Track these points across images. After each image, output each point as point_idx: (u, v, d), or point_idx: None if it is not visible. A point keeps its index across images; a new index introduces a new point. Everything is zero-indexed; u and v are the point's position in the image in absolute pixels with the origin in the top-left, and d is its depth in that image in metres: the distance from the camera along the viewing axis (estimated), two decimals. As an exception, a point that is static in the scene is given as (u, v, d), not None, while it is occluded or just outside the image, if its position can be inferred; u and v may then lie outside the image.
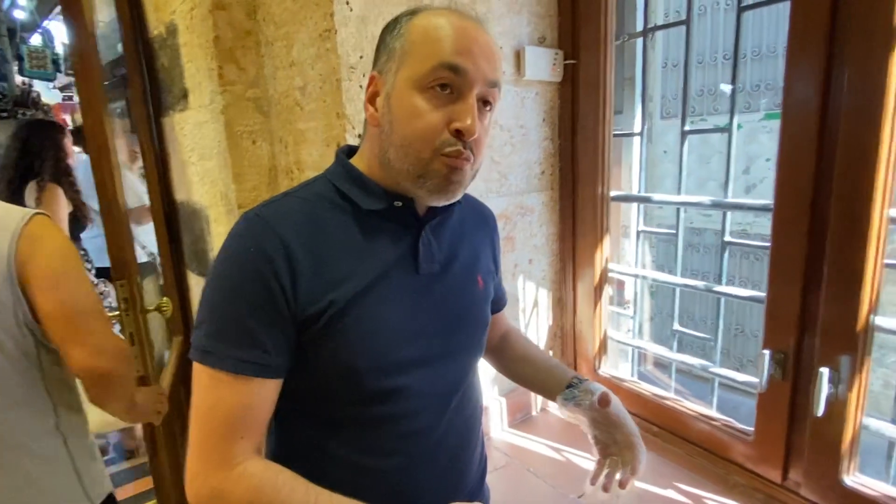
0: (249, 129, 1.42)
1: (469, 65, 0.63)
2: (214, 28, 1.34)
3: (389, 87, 0.66)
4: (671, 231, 1.42)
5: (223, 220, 1.58)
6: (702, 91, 3.20)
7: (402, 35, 0.66)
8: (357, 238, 0.69)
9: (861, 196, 0.91)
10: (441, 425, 0.76)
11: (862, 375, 0.97)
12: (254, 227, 0.65)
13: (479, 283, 0.81)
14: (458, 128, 0.63)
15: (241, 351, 0.63)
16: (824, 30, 0.92)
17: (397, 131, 0.65)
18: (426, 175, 0.65)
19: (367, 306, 0.67)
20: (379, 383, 0.69)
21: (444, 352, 0.75)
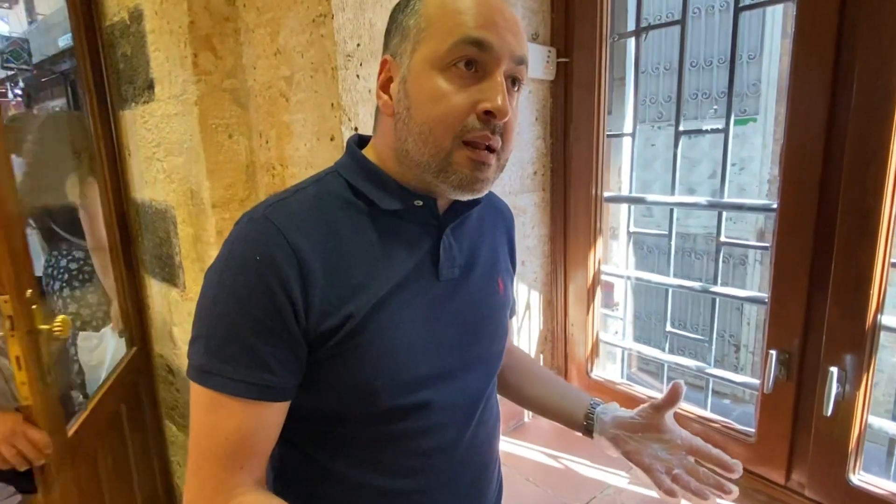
0: (225, 122, 1.32)
1: (495, 38, 0.56)
2: (189, 13, 1.24)
3: (405, 70, 0.59)
4: (663, 232, 1.41)
5: (193, 220, 1.46)
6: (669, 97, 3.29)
7: (416, 11, 0.59)
8: (373, 241, 0.62)
9: (870, 195, 0.91)
10: (464, 441, 0.70)
11: (868, 374, 0.97)
12: (260, 231, 0.57)
13: (499, 286, 0.75)
14: (487, 108, 0.56)
15: (244, 371, 0.55)
16: (832, 29, 0.92)
17: (416, 117, 0.58)
18: (449, 168, 0.58)
19: (385, 319, 0.60)
20: (398, 400, 0.62)
21: (466, 362, 0.69)
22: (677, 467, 0.73)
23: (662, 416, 0.74)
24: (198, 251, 1.48)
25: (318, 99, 1.05)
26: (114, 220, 1.76)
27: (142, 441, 1.84)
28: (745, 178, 3.17)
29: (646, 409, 0.76)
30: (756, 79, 3.16)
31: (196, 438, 0.58)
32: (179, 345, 1.70)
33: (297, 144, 1.15)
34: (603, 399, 0.82)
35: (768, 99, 3.15)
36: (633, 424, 0.76)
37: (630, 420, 0.76)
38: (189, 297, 1.56)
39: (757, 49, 3.14)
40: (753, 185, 3.25)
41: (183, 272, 1.58)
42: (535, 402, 0.88)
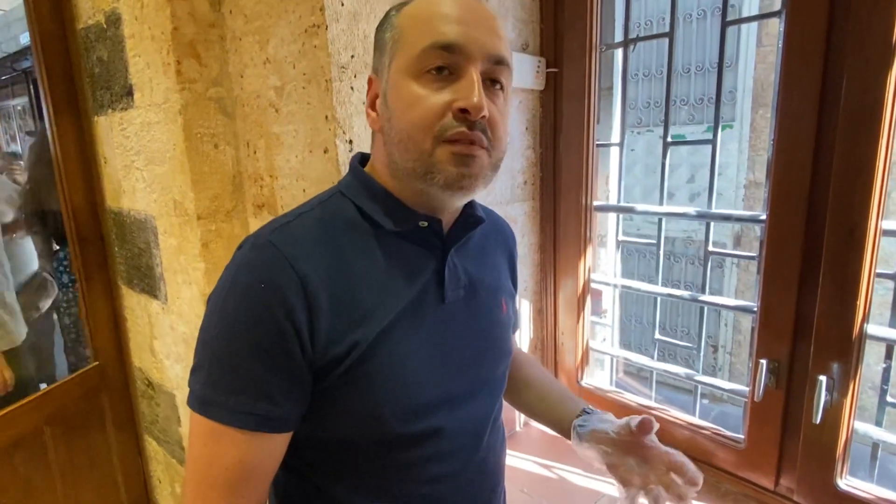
0: (211, 131, 1.29)
1: (464, 38, 0.55)
2: (173, 19, 1.20)
3: (385, 83, 0.60)
4: (651, 241, 1.43)
5: (175, 231, 1.42)
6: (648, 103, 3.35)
7: (392, 25, 0.60)
8: (380, 265, 0.60)
9: (856, 210, 0.94)
10: (471, 466, 0.69)
11: (855, 382, 1.00)
12: (265, 258, 0.56)
13: (502, 307, 0.75)
14: (461, 106, 0.54)
15: (247, 402, 0.54)
16: (820, 46, 0.94)
17: (395, 126, 0.58)
18: (433, 169, 0.56)
19: (392, 345, 0.59)
20: (406, 427, 0.61)
21: (473, 386, 0.68)
22: (655, 483, 0.71)
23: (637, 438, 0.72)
24: (181, 263, 1.43)
25: (310, 111, 1.03)
26: (73, 229, 1.70)
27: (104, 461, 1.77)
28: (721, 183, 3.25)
29: (623, 428, 0.73)
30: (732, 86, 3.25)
31: (196, 468, 0.56)
32: (160, 358, 1.65)
33: (287, 156, 1.13)
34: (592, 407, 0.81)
35: (744, 106, 3.24)
36: (611, 440, 0.74)
37: (607, 436, 0.75)
38: (171, 310, 1.52)
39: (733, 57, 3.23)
40: (730, 189, 3.35)
41: (164, 284, 1.53)
42: (530, 407, 0.88)
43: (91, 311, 1.75)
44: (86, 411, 1.72)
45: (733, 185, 3.35)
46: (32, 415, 1.59)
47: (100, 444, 1.77)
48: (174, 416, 1.64)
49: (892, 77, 0.88)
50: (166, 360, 1.61)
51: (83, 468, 1.72)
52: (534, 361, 0.94)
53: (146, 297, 1.64)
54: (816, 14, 0.94)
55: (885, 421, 1.07)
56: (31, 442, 1.59)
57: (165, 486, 1.83)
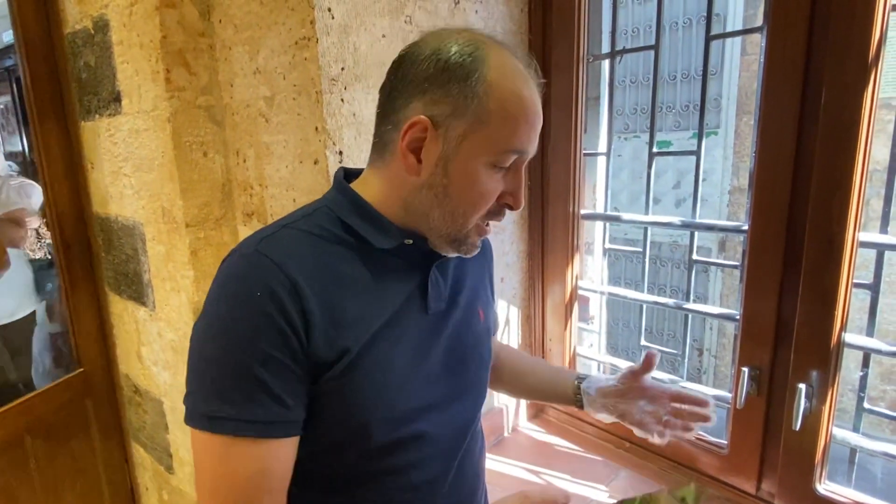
0: (200, 139, 1.29)
1: (533, 146, 0.63)
2: (162, 27, 1.20)
3: (451, 149, 0.59)
4: (637, 249, 1.45)
5: (164, 238, 1.42)
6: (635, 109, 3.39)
7: (476, 95, 0.57)
8: (365, 277, 0.62)
9: (835, 222, 0.96)
10: (451, 473, 0.71)
11: (834, 389, 1.02)
12: (256, 266, 0.57)
13: (480, 316, 0.78)
14: (510, 203, 0.64)
15: (260, 410, 0.54)
16: (800, 60, 0.97)
17: (453, 199, 0.62)
18: (462, 241, 0.65)
19: (378, 354, 0.61)
20: (390, 434, 0.63)
21: (453, 393, 0.71)
22: (665, 415, 0.83)
23: (641, 378, 0.84)
24: (169, 270, 1.43)
25: (300, 122, 1.03)
26: (59, 235, 1.68)
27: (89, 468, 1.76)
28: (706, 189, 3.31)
29: (626, 376, 0.85)
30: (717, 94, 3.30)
31: (214, 488, 0.55)
32: (147, 365, 1.64)
33: (277, 165, 1.13)
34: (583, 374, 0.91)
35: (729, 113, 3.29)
36: (618, 390, 0.85)
37: (614, 387, 0.85)
38: (159, 317, 1.51)
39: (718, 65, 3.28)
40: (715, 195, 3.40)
41: (152, 291, 1.53)
42: (529, 392, 0.99)
43: (76, 317, 1.74)
44: (69, 419, 1.71)
45: (718, 191, 3.40)
46: (15, 421, 1.57)
47: (84, 452, 1.75)
48: (162, 422, 1.63)
49: (868, 93, 0.90)
50: (154, 366, 1.60)
51: (66, 477, 1.70)
52: (521, 352, 1.00)
53: (133, 304, 1.63)
54: (796, 31, 0.97)
55: (863, 426, 1.10)
56: (12, 450, 1.57)
57: (153, 493, 1.81)
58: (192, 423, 0.56)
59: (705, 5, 1.19)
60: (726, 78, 3.22)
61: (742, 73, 3.18)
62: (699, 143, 1.25)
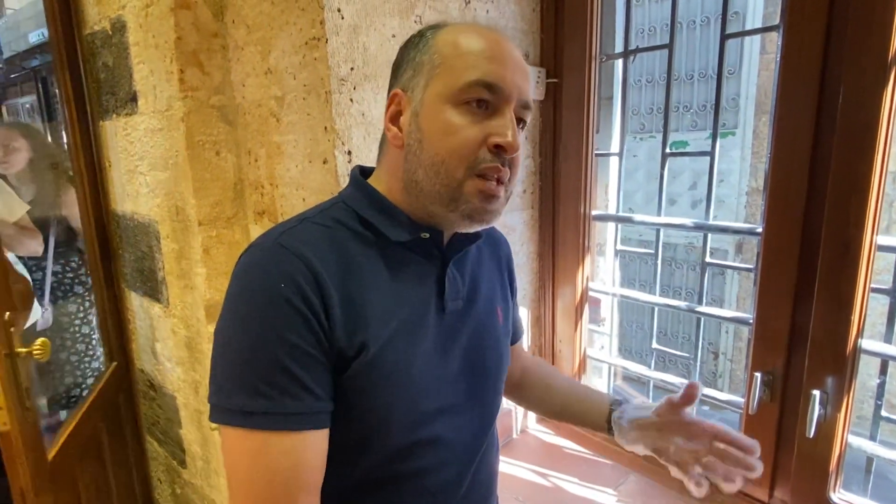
0: (213, 139, 1.30)
1: (506, 82, 0.59)
2: (176, 28, 1.22)
3: (417, 103, 0.61)
4: (649, 251, 1.43)
5: (178, 236, 1.44)
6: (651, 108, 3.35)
7: (430, 47, 0.61)
8: (383, 273, 0.62)
9: (852, 225, 0.94)
10: (467, 477, 0.70)
11: (849, 396, 1.00)
12: (277, 258, 0.56)
13: (498, 316, 0.76)
14: (498, 143, 0.58)
15: (293, 402, 0.54)
16: (817, 60, 0.95)
17: (428, 149, 0.59)
18: (459, 198, 0.59)
19: (396, 355, 0.60)
20: (408, 437, 0.62)
21: (471, 396, 0.69)
22: (706, 455, 0.72)
23: (679, 412, 0.74)
24: (182, 268, 1.45)
25: (310, 122, 1.04)
26: (93, 233, 1.72)
27: (123, 459, 1.80)
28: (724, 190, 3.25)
29: (663, 407, 0.75)
30: (735, 93, 3.24)
31: (248, 488, 0.54)
32: (162, 361, 1.66)
33: (287, 165, 1.14)
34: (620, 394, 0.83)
35: (747, 113, 3.22)
36: (653, 423, 0.76)
37: (649, 420, 0.76)
38: (172, 314, 1.53)
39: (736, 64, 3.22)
40: (732, 196, 3.33)
41: (166, 288, 1.55)
42: (558, 414, 0.90)
43: (107, 313, 1.77)
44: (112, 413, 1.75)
45: (735, 193, 3.33)
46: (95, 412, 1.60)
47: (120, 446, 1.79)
48: (175, 418, 1.66)
49: (888, 94, 0.88)
50: (167, 362, 1.63)
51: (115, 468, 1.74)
52: (554, 370, 0.96)
53: (148, 300, 1.66)
54: (814, 30, 0.95)
55: (881, 434, 1.07)
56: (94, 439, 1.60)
57: (166, 486, 1.84)
58: (223, 421, 0.54)
59: (722, 3, 1.17)
60: (745, 77, 3.16)
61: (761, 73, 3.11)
62: (713, 143, 1.24)
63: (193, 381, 1.51)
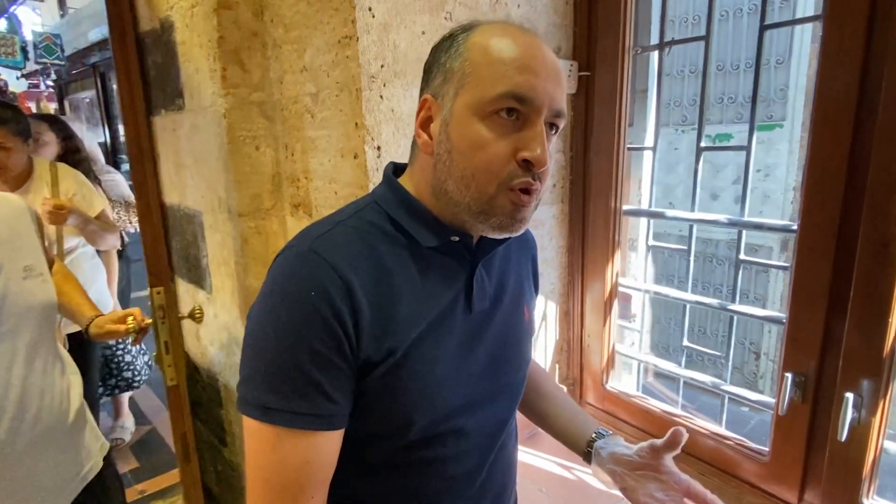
0: (253, 133, 1.36)
1: (536, 92, 0.57)
2: (219, 28, 1.27)
3: (447, 112, 0.60)
4: (682, 247, 1.41)
5: (220, 227, 1.51)
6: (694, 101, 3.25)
7: (460, 54, 0.60)
8: (413, 276, 0.63)
9: (893, 224, 0.91)
10: (486, 466, 0.72)
11: (886, 400, 0.97)
12: (311, 266, 0.58)
13: (525, 315, 0.78)
14: (527, 157, 0.57)
15: (308, 405, 0.57)
16: (858, 55, 0.91)
17: (458, 163, 0.59)
18: (490, 212, 0.60)
19: (423, 354, 0.62)
20: (430, 429, 0.65)
21: (493, 392, 0.71)
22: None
23: (661, 457, 0.73)
24: (224, 256, 1.53)
25: (342, 117, 1.07)
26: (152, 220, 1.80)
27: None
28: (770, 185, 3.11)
29: (645, 449, 0.75)
30: (784, 84, 3.08)
31: (263, 475, 0.58)
32: (205, 344, 1.75)
33: (321, 159, 1.18)
34: (609, 428, 0.83)
35: (795, 104, 3.06)
36: (631, 462, 0.75)
37: (628, 458, 0.76)
38: (215, 300, 1.62)
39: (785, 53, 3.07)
40: (778, 191, 3.18)
41: (210, 275, 1.63)
42: (544, 420, 0.91)
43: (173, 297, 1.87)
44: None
45: (782, 188, 3.18)
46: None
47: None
48: (216, 398, 1.75)
49: (933, 87, 0.84)
50: (210, 346, 1.71)
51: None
52: (548, 375, 0.96)
53: (194, 287, 1.75)
54: (856, 21, 0.91)
55: (921, 442, 1.03)
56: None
57: (208, 464, 1.95)
58: (245, 411, 0.58)
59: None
60: (794, 67, 3.00)
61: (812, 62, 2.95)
62: (749, 137, 1.21)
63: (233, 364, 1.58)
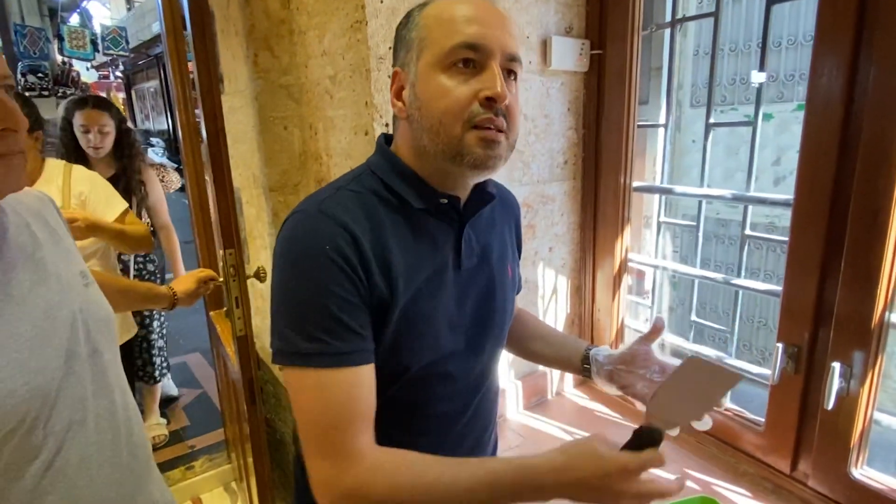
0: (281, 115, 1.48)
1: (487, 39, 0.64)
2: (251, 17, 1.39)
3: (413, 76, 0.68)
4: (693, 223, 1.43)
5: (255, 201, 1.65)
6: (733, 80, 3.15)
7: (416, 24, 0.68)
8: (408, 236, 0.70)
9: (881, 193, 0.91)
10: (470, 409, 0.81)
11: (874, 371, 0.98)
12: (322, 224, 0.65)
13: (508, 272, 0.84)
14: (487, 95, 0.63)
15: (343, 344, 0.63)
16: (851, 26, 0.92)
17: (426, 114, 0.66)
18: (462, 151, 0.65)
19: (419, 308, 0.70)
20: (426, 371, 0.73)
21: (478, 342, 0.79)
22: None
23: (648, 346, 0.82)
24: (259, 229, 1.66)
25: (355, 97, 1.17)
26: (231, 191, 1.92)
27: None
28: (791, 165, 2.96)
29: (633, 344, 0.83)
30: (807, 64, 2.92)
31: (311, 418, 0.64)
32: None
33: (339, 137, 1.28)
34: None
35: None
36: (623, 356, 0.83)
37: (620, 354, 0.84)
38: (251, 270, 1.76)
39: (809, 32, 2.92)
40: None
41: (247, 246, 1.78)
42: (539, 356, 0.98)
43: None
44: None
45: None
46: None
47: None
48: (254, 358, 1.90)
49: (925, 58, 0.84)
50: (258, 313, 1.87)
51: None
52: (535, 318, 1.02)
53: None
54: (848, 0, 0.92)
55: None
56: None
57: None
58: (285, 362, 0.65)
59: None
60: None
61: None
62: (755, 116, 1.21)
63: (267, 327, 1.73)
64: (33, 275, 0.67)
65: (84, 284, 0.75)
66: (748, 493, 1.17)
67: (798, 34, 2.95)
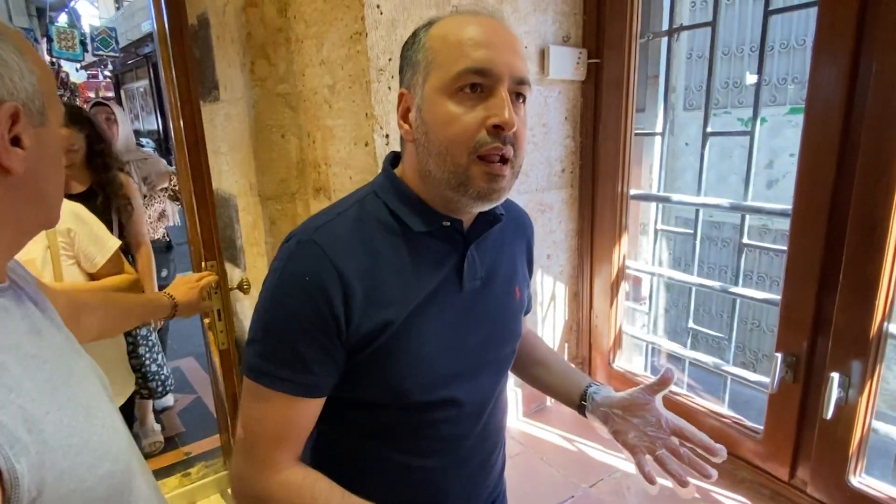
0: (279, 123, 1.47)
1: (495, 64, 0.62)
2: (247, 25, 1.38)
3: (419, 99, 0.66)
4: (688, 231, 1.44)
5: (251, 209, 1.64)
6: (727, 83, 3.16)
7: (423, 46, 0.66)
8: (406, 260, 0.70)
9: (880, 204, 0.92)
10: (476, 431, 0.80)
11: (873, 381, 0.99)
12: (309, 255, 0.65)
13: (516, 294, 0.83)
14: (494, 123, 0.62)
15: (290, 373, 0.65)
16: (849, 41, 0.93)
17: (434, 140, 0.65)
18: (467, 182, 0.64)
19: (415, 329, 0.69)
20: (424, 396, 0.72)
21: (483, 364, 0.77)
22: (660, 448, 0.73)
23: (651, 397, 0.77)
24: (255, 237, 1.65)
25: (354, 108, 1.16)
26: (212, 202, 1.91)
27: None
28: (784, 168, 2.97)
29: (636, 390, 0.77)
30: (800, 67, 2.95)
31: (248, 424, 0.68)
32: (241, 319, 1.90)
33: (338, 147, 1.28)
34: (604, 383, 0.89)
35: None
36: (623, 401, 0.79)
37: (619, 399, 0.80)
38: (247, 276, 1.75)
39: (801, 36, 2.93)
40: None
41: (244, 255, 1.77)
42: (539, 382, 0.95)
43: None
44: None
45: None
46: None
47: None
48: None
49: (923, 72, 0.85)
50: (245, 321, 1.86)
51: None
52: (543, 343, 1.02)
53: (230, 265, 1.89)
54: (848, 8, 0.92)
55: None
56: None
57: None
58: (243, 371, 0.69)
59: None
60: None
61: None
62: (753, 124, 1.22)
63: (264, 336, 1.72)
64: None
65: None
66: (746, 499, 1.18)
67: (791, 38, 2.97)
